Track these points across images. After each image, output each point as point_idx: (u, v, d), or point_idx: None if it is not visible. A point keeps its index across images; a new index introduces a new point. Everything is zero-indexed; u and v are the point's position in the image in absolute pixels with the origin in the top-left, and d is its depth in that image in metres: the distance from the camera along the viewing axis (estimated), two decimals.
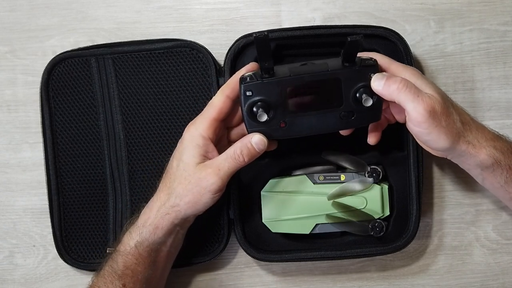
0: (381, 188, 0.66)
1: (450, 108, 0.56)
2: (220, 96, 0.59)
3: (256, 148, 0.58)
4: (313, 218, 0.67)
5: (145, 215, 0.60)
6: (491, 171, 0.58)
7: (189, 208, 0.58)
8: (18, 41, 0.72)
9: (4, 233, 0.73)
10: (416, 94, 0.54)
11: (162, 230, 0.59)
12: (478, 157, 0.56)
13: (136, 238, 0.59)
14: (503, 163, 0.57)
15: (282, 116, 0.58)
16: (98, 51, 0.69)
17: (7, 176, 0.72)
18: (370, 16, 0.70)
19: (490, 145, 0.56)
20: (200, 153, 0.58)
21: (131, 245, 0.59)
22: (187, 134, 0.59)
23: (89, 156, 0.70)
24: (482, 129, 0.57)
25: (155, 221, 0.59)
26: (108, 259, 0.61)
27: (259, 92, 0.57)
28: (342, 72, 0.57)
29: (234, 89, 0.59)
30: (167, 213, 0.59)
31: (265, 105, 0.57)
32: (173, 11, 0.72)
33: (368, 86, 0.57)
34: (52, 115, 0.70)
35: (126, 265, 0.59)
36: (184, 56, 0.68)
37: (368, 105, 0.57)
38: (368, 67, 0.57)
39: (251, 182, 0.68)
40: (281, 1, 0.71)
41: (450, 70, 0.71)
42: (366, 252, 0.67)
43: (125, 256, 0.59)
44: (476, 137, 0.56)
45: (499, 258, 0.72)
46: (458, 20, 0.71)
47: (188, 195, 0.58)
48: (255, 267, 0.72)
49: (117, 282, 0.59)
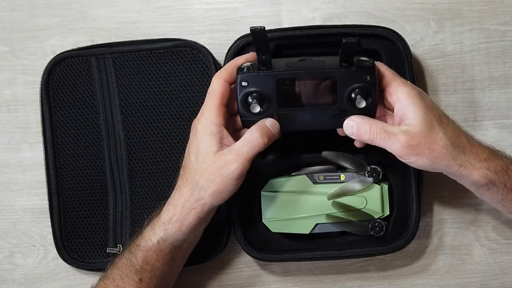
0: (381, 188, 0.66)
1: (438, 133, 0.57)
2: (218, 80, 0.59)
3: (272, 130, 0.58)
4: (313, 218, 0.67)
5: (169, 212, 0.59)
6: (486, 189, 0.59)
7: (214, 199, 0.58)
8: (18, 41, 0.72)
9: (4, 233, 0.73)
10: (387, 137, 0.56)
11: (188, 226, 0.59)
12: (471, 177, 0.58)
13: (160, 234, 0.59)
14: (497, 182, 0.58)
15: (275, 109, 0.59)
16: (98, 51, 0.69)
17: (7, 176, 0.72)
18: (370, 16, 0.70)
19: (483, 166, 0.57)
20: (216, 140, 0.57)
21: (153, 241, 0.59)
22: (199, 126, 0.58)
23: (89, 156, 0.70)
24: (476, 150, 0.58)
25: (181, 217, 0.58)
26: (125, 252, 0.61)
27: (255, 83, 0.58)
28: (338, 72, 0.57)
29: (231, 73, 0.59)
30: (192, 208, 0.58)
31: (259, 96, 0.58)
32: (173, 11, 0.72)
33: (363, 88, 0.57)
34: (52, 114, 0.70)
35: (146, 260, 0.59)
36: (184, 56, 0.68)
37: (361, 106, 0.58)
38: (365, 68, 0.57)
39: (251, 182, 0.68)
40: (281, 1, 0.71)
41: (450, 70, 0.71)
42: (366, 252, 0.67)
43: (145, 251, 0.59)
44: (468, 159, 0.57)
45: (499, 258, 0.72)
46: (458, 20, 0.71)
47: (211, 186, 0.57)
48: (255, 267, 0.72)
49: (134, 276, 0.59)
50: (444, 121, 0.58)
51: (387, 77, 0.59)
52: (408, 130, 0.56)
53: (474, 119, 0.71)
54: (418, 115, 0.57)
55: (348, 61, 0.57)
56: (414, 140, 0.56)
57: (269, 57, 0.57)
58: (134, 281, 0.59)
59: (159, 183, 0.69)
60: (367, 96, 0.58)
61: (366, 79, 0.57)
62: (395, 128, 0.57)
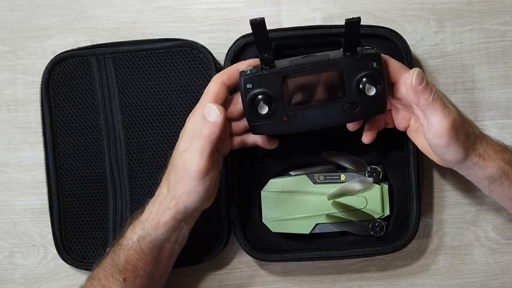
0: (381, 188, 0.66)
1: (464, 121, 0.56)
2: (216, 81, 0.58)
3: (208, 118, 0.55)
4: (313, 218, 0.67)
5: (148, 210, 0.59)
6: (499, 184, 0.58)
7: (186, 200, 0.57)
8: (18, 41, 0.72)
9: (4, 233, 0.73)
10: (445, 106, 0.54)
11: (165, 226, 0.58)
12: (487, 169, 0.57)
13: (139, 232, 0.58)
14: (511, 175, 0.57)
15: (283, 109, 0.57)
16: (98, 51, 0.69)
17: (7, 176, 0.72)
18: (370, 16, 0.70)
19: (499, 158, 0.57)
20: None
21: (134, 240, 0.59)
22: (188, 124, 0.58)
23: (89, 156, 0.70)
24: (490, 142, 0.58)
25: (157, 216, 0.58)
26: (110, 252, 0.60)
27: (260, 84, 0.56)
28: (343, 61, 0.55)
29: (230, 76, 0.58)
30: (167, 207, 0.57)
31: (266, 97, 0.56)
32: (173, 11, 0.72)
33: (371, 76, 0.55)
34: (52, 114, 0.70)
35: (127, 260, 0.59)
36: (184, 55, 0.68)
37: (372, 94, 0.56)
38: (370, 55, 0.55)
39: (251, 182, 0.68)
40: (281, 1, 0.71)
41: (450, 70, 0.71)
42: (366, 252, 0.67)
43: (127, 250, 0.59)
44: (486, 149, 0.57)
45: (499, 258, 0.72)
46: (458, 20, 0.71)
47: (180, 185, 0.56)
48: (255, 267, 0.72)
49: (117, 275, 0.59)
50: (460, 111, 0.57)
51: (392, 67, 0.57)
52: (454, 109, 0.54)
53: (474, 119, 0.71)
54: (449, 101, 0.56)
55: (351, 50, 0.56)
56: (458, 120, 0.54)
57: (271, 55, 0.55)
58: (119, 281, 0.59)
59: (159, 183, 0.69)
60: (375, 83, 0.55)
61: (373, 66, 0.55)
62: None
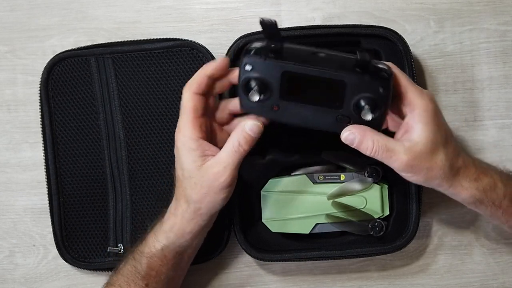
0: (381, 187, 0.66)
1: (439, 155, 0.56)
2: (187, 94, 0.57)
3: (252, 134, 0.57)
4: (313, 218, 0.67)
5: (170, 221, 0.60)
6: (474, 207, 0.60)
7: (212, 208, 0.59)
8: (18, 41, 0.72)
9: (4, 233, 0.73)
10: (389, 155, 0.55)
11: (191, 233, 0.60)
12: (459, 196, 0.58)
13: (163, 242, 0.60)
14: (485, 200, 0.58)
15: (275, 101, 0.55)
16: (98, 51, 0.68)
17: (7, 176, 0.72)
18: (370, 16, 0.70)
19: (472, 187, 0.58)
20: (198, 155, 0.57)
21: (157, 248, 0.60)
22: (178, 143, 0.58)
23: (89, 156, 0.70)
24: (468, 171, 0.58)
25: (182, 226, 0.60)
26: (129, 259, 0.62)
27: (259, 69, 0.54)
28: (350, 77, 0.53)
29: (200, 84, 0.57)
30: (192, 218, 0.59)
31: (262, 84, 0.54)
32: (173, 10, 0.72)
33: (373, 99, 0.54)
34: (51, 114, 0.69)
35: (150, 266, 0.60)
36: (184, 55, 0.68)
37: (367, 119, 0.55)
38: (380, 79, 0.53)
39: (251, 182, 0.68)
40: (281, 1, 0.71)
41: (450, 70, 0.71)
42: (366, 252, 0.67)
43: (149, 258, 0.60)
44: (459, 180, 0.57)
45: (499, 258, 0.72)
46: (458, 20, 0.71)
47: (206, 198, 0.58)
48: (255, 267, 0.72)
49: (140, 281, 0.60)
50: (449, 141, 0.57)
51: (402, 84, 0.56)
52: (411, 148, 0.55)
53: (474, 119, 0.71)
54: (426, 134, 0.55)
55: (363, 68, 0.53)
56: (415, 160, 0.55)
57: (280, 45, 0.53)
58: (141, 286, 0.60)
59: (159, 183, 0.69)
60: (375, 108, 0.54)
61: (379, 90, 0.53)
62: (398, 145, 0.55)
